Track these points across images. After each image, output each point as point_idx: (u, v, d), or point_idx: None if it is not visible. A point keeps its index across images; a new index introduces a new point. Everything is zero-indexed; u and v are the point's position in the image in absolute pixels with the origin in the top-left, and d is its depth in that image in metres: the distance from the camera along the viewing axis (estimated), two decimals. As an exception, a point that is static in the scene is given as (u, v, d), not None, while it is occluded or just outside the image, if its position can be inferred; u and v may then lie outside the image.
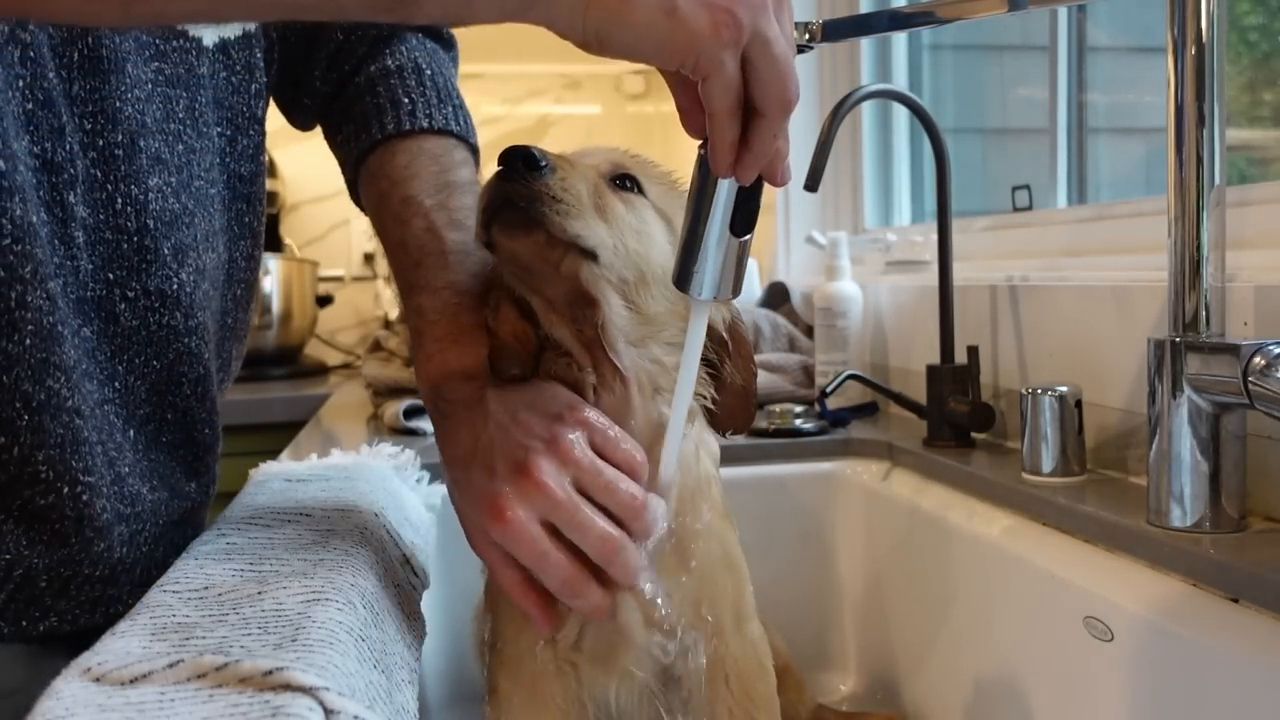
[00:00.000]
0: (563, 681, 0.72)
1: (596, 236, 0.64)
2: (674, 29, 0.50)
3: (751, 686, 0.73)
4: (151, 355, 0.69)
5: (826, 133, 1.04)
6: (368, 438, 1.19)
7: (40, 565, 0.62)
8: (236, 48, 0.75)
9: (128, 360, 0.67)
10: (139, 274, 0.67)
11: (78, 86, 0.62)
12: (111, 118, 0.63)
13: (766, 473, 1.17)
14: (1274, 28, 1.16)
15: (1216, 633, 0.65)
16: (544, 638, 0.70)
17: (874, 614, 1.13)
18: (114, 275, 0.66)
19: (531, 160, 0.62)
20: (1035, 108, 1.43)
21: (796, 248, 1.83)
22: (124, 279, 0.66)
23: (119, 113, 0.64)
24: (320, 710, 0.45)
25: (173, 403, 0.72)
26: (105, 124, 0.63)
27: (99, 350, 0.65)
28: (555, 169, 0.63)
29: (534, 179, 0.62)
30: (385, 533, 0.80)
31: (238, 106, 0.76)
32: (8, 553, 0.61)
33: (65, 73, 0.61)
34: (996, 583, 0.90)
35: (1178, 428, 0.72)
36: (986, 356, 1.11)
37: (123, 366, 0.67)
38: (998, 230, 1.37)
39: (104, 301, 0.65)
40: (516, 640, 0.72)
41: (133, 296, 0.67)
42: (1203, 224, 0.72)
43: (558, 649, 0.71)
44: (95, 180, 0.63)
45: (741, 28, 0.51)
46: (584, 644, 0.71)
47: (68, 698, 0.45)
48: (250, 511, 0.77)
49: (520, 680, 0.72)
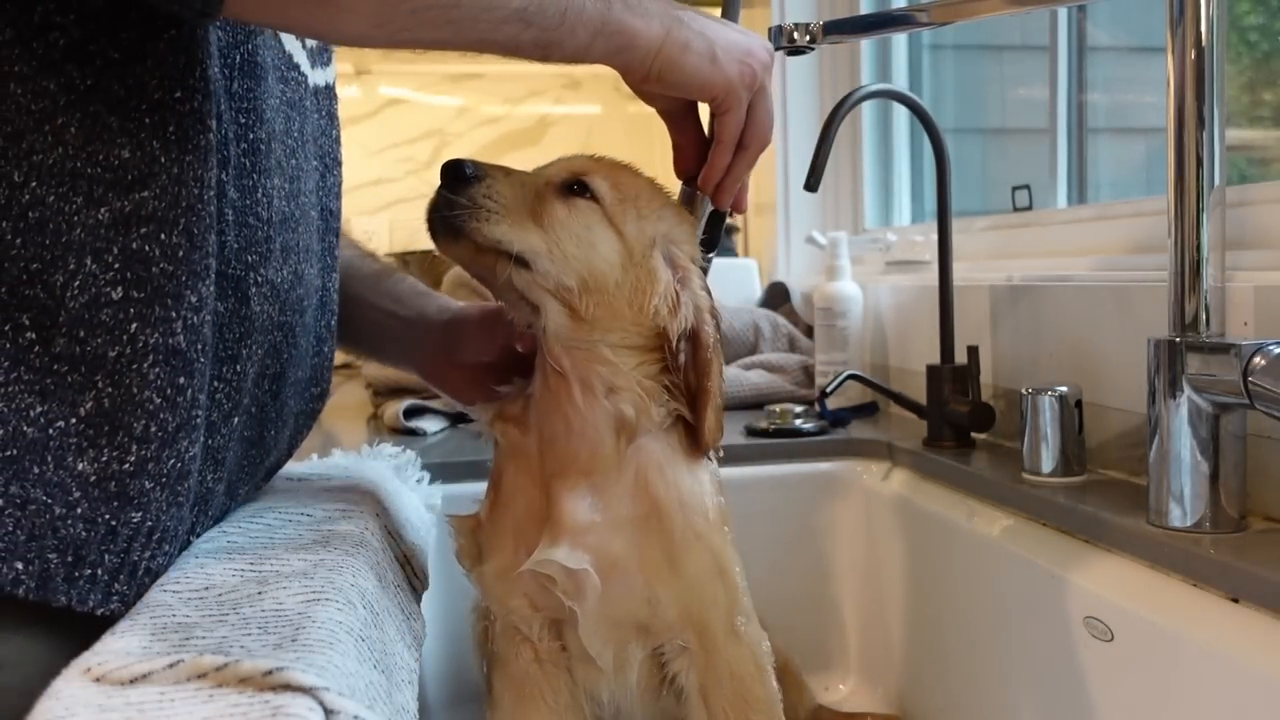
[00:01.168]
0: (552, 680, 0.72)
1: (525, 243, 0.67)
2: (714, 72, 0.68)
3: (748, 689, 0.72)
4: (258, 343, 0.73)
5: (826, 133, 1.04)
6: (368, 438, 1.19)
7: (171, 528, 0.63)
8: (324, 95, 0.83)
9: (249, 345, 0.71)
10: (265, 262, 0.72)
11: (236, 84, 0.68)
12: (259, 116, 0.70)
13: (766, 473, 1.17)
14: (1274, 28, 1.16)
15: (1216, 633, 0.65)
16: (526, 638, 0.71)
17: (874, 614, 1.13)
18: (251, 259, 0.70)
19: (459, 171, 0.66)
20: (1035, 108, 1.43)
21: (796, 248, 1.83)
22: (256, 264, 0.71)
23: (263, 113, 0.71)
24: (320, 710, 0.45)
25: (256, 396, 0.74)
26: (254, 121, 0.70)
27: (228, 328, 0.68)
28: (482, 178, 0.67)
29: (460, 189, 0.66)
30: (386, 533, 0.80)
31: (326, 147, 0.84)
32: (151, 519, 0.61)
33: (228, 70, 0.67)
34: (996, 583, 0.90)
35: (1178, 428, 0.72)
36: (986, 356, 1.11)
37: (245, 350, 0.70)
38: (998, 230, 1.37)
39: (240, 282, 0.69)
40: (504, 639, 0.72)
41: (260, 282, 0.71)
42: (1203, 224, 0.72)
43: (539, 649, 0.71)
44: (244, 168, 0.69)
45: (757, 77, 0.70)
46: (569, 645, 0.71)
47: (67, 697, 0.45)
48: (251, 511, 0.77)
49: (510, 679, 0.72)
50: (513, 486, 0.72)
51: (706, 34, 0.68)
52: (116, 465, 0.59)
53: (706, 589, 0.70)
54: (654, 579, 0.69)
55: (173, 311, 0.60)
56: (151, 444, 0.60)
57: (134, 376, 0.59)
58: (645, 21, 0.66)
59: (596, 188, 0.69)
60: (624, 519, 0.68)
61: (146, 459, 0.60)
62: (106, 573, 0.59)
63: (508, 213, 0.66)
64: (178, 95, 0.61)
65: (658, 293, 0.69)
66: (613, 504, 0.68)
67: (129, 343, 0.59)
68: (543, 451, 0.70)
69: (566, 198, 0.69)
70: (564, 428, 0.69)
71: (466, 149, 2.61)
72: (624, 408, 0.68)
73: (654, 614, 0.69)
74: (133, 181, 0.59)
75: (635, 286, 0.69)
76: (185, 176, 0.61)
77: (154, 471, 0.61)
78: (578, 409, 0.69)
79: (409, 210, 2.58)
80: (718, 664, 0.71)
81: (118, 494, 0.59)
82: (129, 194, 0.59)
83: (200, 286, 0.62)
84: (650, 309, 0.69)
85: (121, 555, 0.60)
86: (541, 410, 0.70)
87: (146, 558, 0.62)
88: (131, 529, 0.60)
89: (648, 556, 0.68)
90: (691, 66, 0.68)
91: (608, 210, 0.69)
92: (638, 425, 0.69)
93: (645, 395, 0.69)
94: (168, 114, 0.60)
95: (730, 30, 0.71)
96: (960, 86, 1.79)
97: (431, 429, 1.30)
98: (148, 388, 0.60)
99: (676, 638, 0.71)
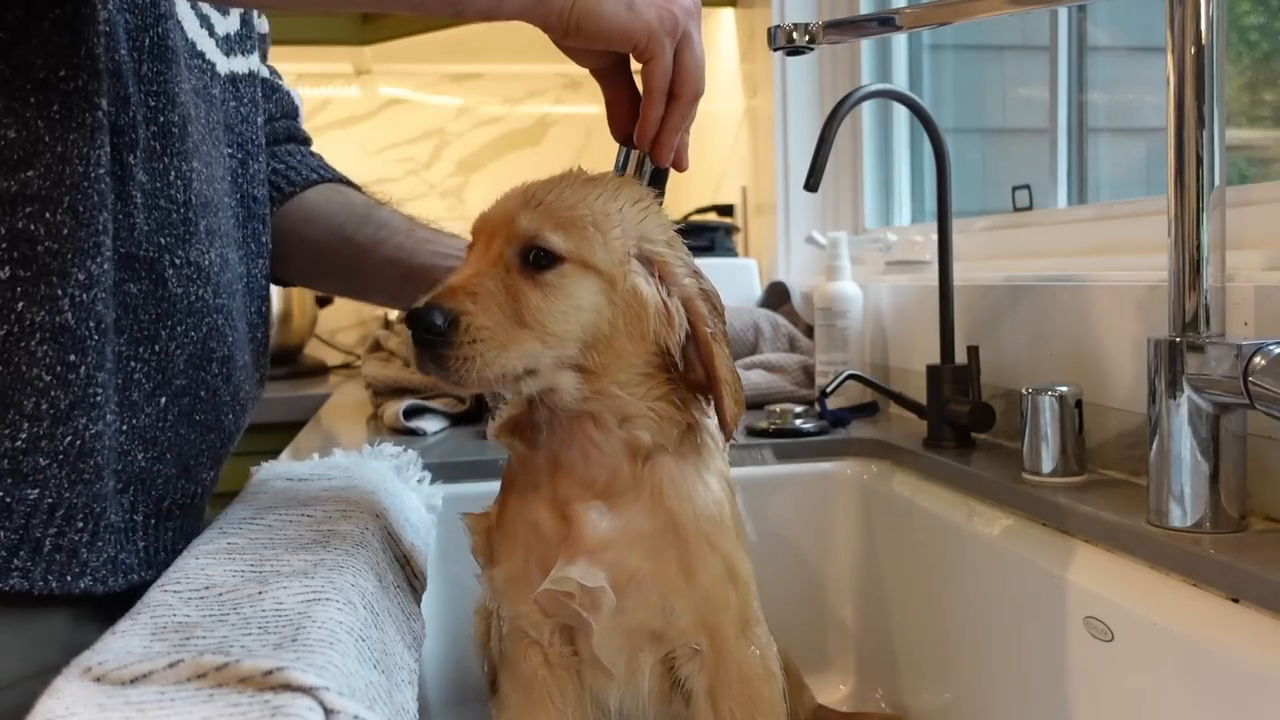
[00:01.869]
0: (561, 684, 0.72)
1: (526, 358, 0.64)
2: (631, 18, 0.67)
3: (756, 691, 0.72)
4: (190, 326, 0.72)
5: (826, 133, 1.04)
6: (368, 438, 1.19)
7: (78, 505, 0.63)
8: (244, 83, 0.83)
9: (169, 327, 0.70)
10: (184, 244, 0.72)
11: (146, 68, 0.68)
12: (171, 99, 0.71)
13: (766, 473, 1.17)
14: (1274, 28, 1.16)
15: (1216, 633, 0.65)
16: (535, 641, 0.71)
17: (874, 614, 1.13)
18: (164, 240, 0.70)
19: (430, 325, 0.62)
20: (1035, 108, 1.43)
21: (796, 248, 1.83)
22: (172, 246, 0.71)
23: (176, 97, 0.71)
24: (320, 710, 0.45)
25: (204, 380, 0.75)
26: (166, 104, 0.70)
27: (143, 309, 0.68)
28: (457, 321, 0.62)
29: (441, 344, 0.62)
30: (386, 533, 0.80)
31: (246, 134, 0.84)
32: (50, 495, 0.62)
33: (137, 54, 0.67)
34: (996, 583, 0.90)
35: (1178, 428, 0.72)
36: (986, 356, 1.11)
37: (164, 331, 0.70)
38: (998, 230, 1.37)
39: (155, 264, 0.69)
40: (512, 641, 0.72)
41: (179, 264, 0.71)
42: (1203, 224, 0.72)
43: (548, 653, 0.71)
44: (154, 151, 0.69)
45: (678, 22, 0.68)
46: (580, 650, 0.71)
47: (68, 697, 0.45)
48: (251, 511, 0.77)
49: (518, 680, 0.72)
50: (521, 497, 0.71)
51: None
52: (9, 443, 0.60)
53: (719, 594, 0.70)
54: (669, 590, 0.69)
55: (59, 290, 0.61)
56: (43, 421, 0.61)
57: (21, 354, 0.60)
58: None
59: (554, 245, 0.65)
60: (640, 534, 0.68)
61: (39, 435, 0.61)
62: (3, 548, 0.60)
63: (494, 338, 0.63)
64: (62, 74, 0.61)
65: (649, 315, 0.67)
66: (630, 521, 0.68)
67: (15, 321, 0.59)
68: (556, 474, 0.70)
69: (533, 276, 0.65)
70: (580, 456, 0.69)
71: (466, 149, 2.61)
72: (638, 433, 0.68)
73: (668, 623, 0.69)
74: (18, 161, 0.59)
75: (628, 316, 0.67)
76: (70, 155, 0.61)
77: (48, 449, 0.61)
78: (594, 442, 0.68)
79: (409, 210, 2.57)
80: (727, 666, 0.71)
81: (10, 471, 0.60)
82: (14, 174, 0.59)
83: (89, 264, 0.62)
84: (650, 334, 0.67)
85: (20, 532, 0.60)
86: (555, 440, 0.70)
87: (52, 534, 0.62)
88: (28, 506, 0.60)
89: (663, 569, 0.68)
90: (609, 14, 0.66)
91: (575, 259, 0.65)
92: (653, 447, 0.69)
93: (658, 418, 0.68)
94: (52, 93, 0.60)
95: None
96: (960, 86, 1.79)
97: (431, 429, 1.30)
98: (36, 365, 0.60)
99: (690, 642, 0.71)
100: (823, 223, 1.84)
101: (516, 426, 0.73)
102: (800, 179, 1.13)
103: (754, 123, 1.95)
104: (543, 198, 0.67)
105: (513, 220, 0.66)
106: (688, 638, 0.71)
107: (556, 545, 0.68)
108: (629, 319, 0.67)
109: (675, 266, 0.68)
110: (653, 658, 0.71)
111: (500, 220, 0.67)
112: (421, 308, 0.62)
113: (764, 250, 1.91)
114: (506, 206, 0.67)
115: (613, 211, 0.67)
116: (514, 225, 0.66)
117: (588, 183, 0.69)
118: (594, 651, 0.69)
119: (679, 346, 0.68)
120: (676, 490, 0.69)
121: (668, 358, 0.69)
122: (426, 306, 0.63)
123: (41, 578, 0.61)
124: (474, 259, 0.67)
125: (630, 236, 0.67)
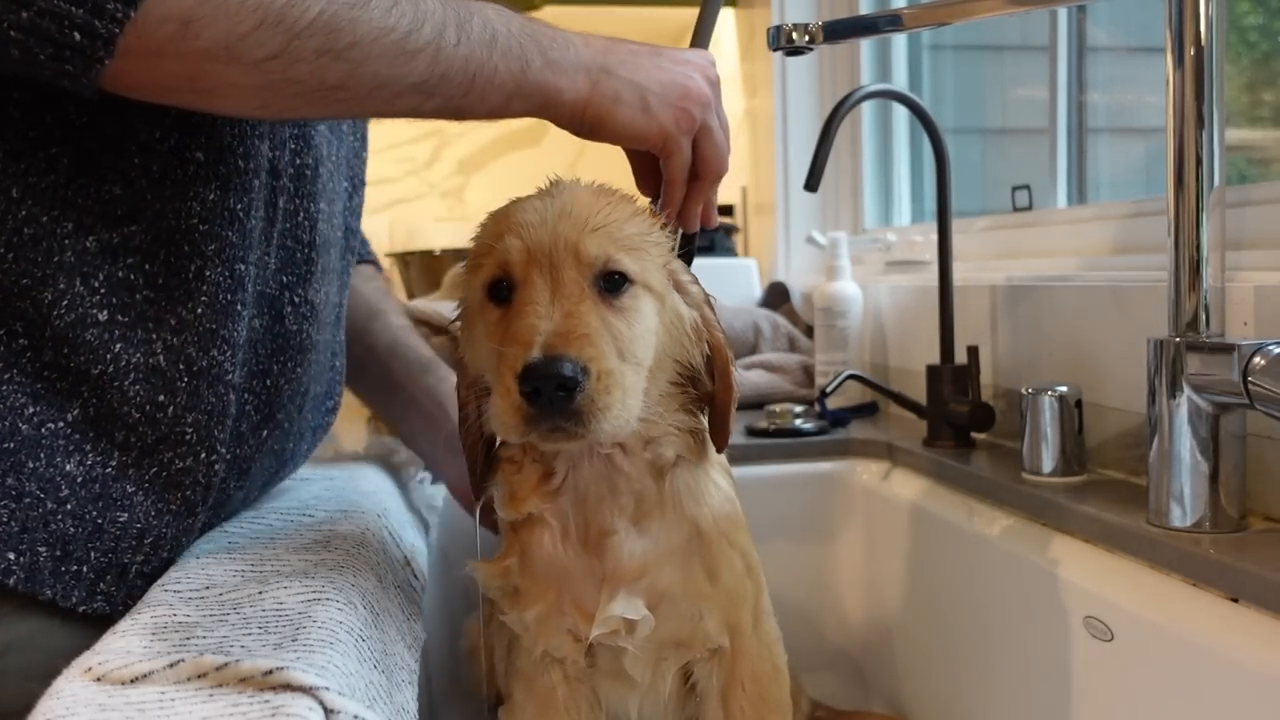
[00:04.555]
0: (576, 695, 0.72)
1: (636, 395, 0.61)
2: (648, 122, 0.67)
3: (766, 689, 0.73)
4: (298, 362, 0.74)
5: (826, 133, 1.04)
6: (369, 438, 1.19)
7: (168, 535, 0.64)
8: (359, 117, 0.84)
9: (282, 362, 0.72)
10: (304, 283, 0.73)
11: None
12: (308, 141, 0.72)
13: (766, 473, 1.17)
14: (1274, 28, 1.16)
15: (1216, 633, 0.65)
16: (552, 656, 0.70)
17: (874, 614, 1.13)
18: (287, 279, 0.72)
19: (566, 381, 0.57)
20: (1035, 108, 1.43)
21: (796, 248, 1.83)
22: (293, 285, 0.72)
23: (312, 139, 0.73)
24: (320, 710, 0.45)
25: (292, 413, 0.75)
26: (303, 146, 0.72)
27: (261, 344, 0.70)
28: (589, 369, 0.57)
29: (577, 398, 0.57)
30: (386, 534, 0.80)
31: (357, 168, 0.86)
32: (138, 521, 0.62)
33: None
34: (996, 583, 0.90)
35: (1178, 428, 0.72)
36: (986, 356, 1.11)
37: (277, 366, 0.71)
38: (998, 230, 1.37)
39: (276, 301, 0.71)
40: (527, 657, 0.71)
41: (297, 302, 0.73)
42: (1203, 224, 0.72)
43: (567, 669, 0.71)
44: (290, 192, 0.71)
45: (695, 121, 0.69)
46: (598, 664, 0.71)
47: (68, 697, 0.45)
48: (252, 511, 0.77)
49: (534, 693, 0.71)
50: (539, 540, 0.68)
51: (637, 80, 0.66)
52: (100, 469, 0.61)
53: (740, 589, 0.71)
54: (698, 597, 0.68)
55: (154, 334, 0.62)
56: (131, 452, 0.62)
57: (114, 392, 0.61)
58: (569, 79, 0.64)
59: (627, 268, 0.62)
60: (670, 550, 0.68)
61: (127, 465, 0.62)
62: (93, 570, 0.61)
63: (621, 382, 0.59)
64: (158, 136, 0.62)
65: (687, 331, 0.67)
66: (658, 540, 0.68)
67: (112, 361, 0.61)
68: (583, 510, 0.68)
69: (612, 303, 0.62)
70: (608, 488, 0.67)
71: (466, 149, 2.60)
72: (663, 451, 0.68)
73: (695, 629, 0.69)
74: (121, 216, 0.61)
75: (671, 336, 0.66)
76: (166, 211, 0.62)
77: (135, 477, 0.62)
78: (621, 471, 0.67)
79: (409, 210, 2.58)
80: (742, 665, 0.72)
81: (102, 494, 0.61)
82: (118, 227, 0.61)
83: (181, 311, 0.63)
84: (685, 353, 0.67)
85: (109, 555, 0.61)
86: (580, 480, 0.68)
87: (139, 561, 0.63)
88: (118, 529, 0.61)
89: (691, 578, 0.68)
90: (624, 119, 0.66)
91: (641, 281, 0.64)
92: (675, 462, 0.68)
93: (679, 432, 0.68)
94: (152, 155, 0.62)
95: (665, 68, 0.68)
96: (960, 86, 1.79)
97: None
98: (127, 403, 0.62)
99: (714, 643, 0.71)
100: (823, 223, 1.84)
101: (520, 495, 0.69)
102: (800, 179, 1.13)
103: (754, 123, 1.95)
104: (599, 221, 0.63)
105: (579, 246, 0.62)
106: (712, 640, 0.71)
107: (592, 580, 0.67)
108: (672, 339, 0.66)
109: (683, 275, 0.69)
110: (675, 665, 0.71)
111: (559, 247, 0.62)
112: (543, 361, 0.57)
113: (764, 250, 1.91)
114: (560, 231, 0.62)
115: (648, 231, 0.66)
116: (582, 251, 0.62)
117: (622, 202, 0.67)
118: (625, 668, 0.69)
119: (705, 365, 0.68)
120: (693, 496, 0.69)
121: (690, 374, 0.68)
122: (549, 359, 0.57)
123: (123, 602, 0.62)
124: (543, 295, 0.61)
125: (662, 254, 0.67)
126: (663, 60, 0.69)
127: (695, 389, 0.69)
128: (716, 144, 0.72)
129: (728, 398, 0.68)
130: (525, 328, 0.59)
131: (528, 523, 0.69)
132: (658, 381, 0.66)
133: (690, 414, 0.69)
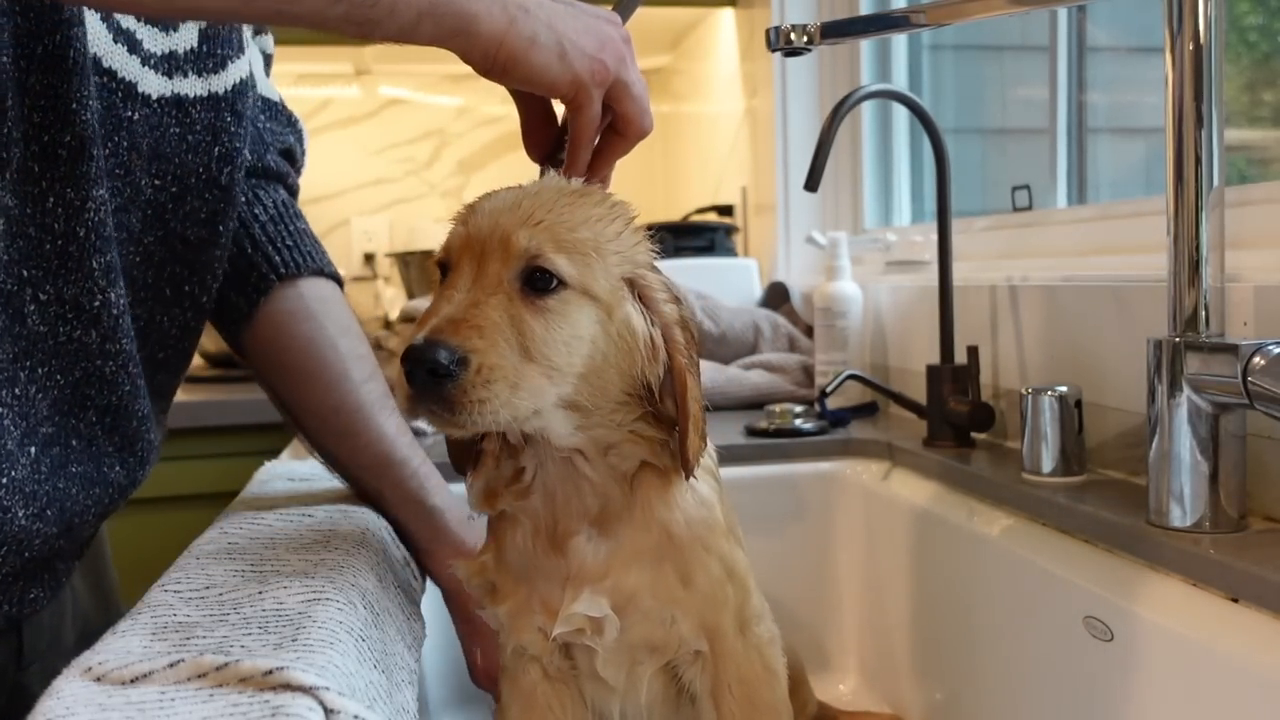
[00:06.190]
0: (561, 695, 0.72)
1: (535, 396, 0.60)
2: (563, 69, 0.63)
3: (755, 692, 0.72)
4: (56, 368, 0.66)
5: (826, 133, 1.04)
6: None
7: None
8: (199, 107, 0.74)
9: (29, 368, 0.65)
10: (55, 279, 0.65)
11: (35, 79, 0.62)
12: (64, 117, 0.63)
13: (766, 473, 1.17)
14: (1274, 28, 1.16)
15: (1216, 633, 0.65)
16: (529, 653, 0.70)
17: (874, 614, 1.13)
18: (28, 273, 0.64)
19: (437, 367, 0.56)
20: (1035, 108, 1.43)
21: (796, 248, 1.83)
22: (38, 279, 0.65)
23: (74, 115, 0.64)
24: (320, 710, 0.45)
25: (76, 428, 0.69)
26: (55, 121, 0.63)
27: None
28: (467, 361, 0.57)
29: (447, 386, 0.57)
30: (386, 534, 0.80)
31: (189, 165, 0.74)
32: None
33: (24, 62, 0.62)
34: (996, 583, 0.90)
35: (1178, 428, 0.72)
36: (986, 356, 1.11)
37: (24, 373, 0.65)
38: (998, 230, 1.37)
39: (13, 298, 0.64)
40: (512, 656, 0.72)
41: (44, 300, 0.65)
42: (1202, 224, 0.72)
43: (547, 667, 0.71)
44: (30, 173, 0.63)
45: (609, 74, 0.66)
46: (579, 664, 0.71)
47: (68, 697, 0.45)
48: (252, 511, 0.77)
49: (519, 692, 0.72)
50: (517, 535, 0.69)
51: (555, 26, 0.63)
52: None
53: (718, 594, 0.70)
54: (668, 600, 0.68)
55: None
56: None
57: None
58: (485, 6, 0.60)
59: (558, 269, 0.60)
60: (636, 551, 0.68)
61: None
62: None
63: (506, 378, 0.58)
64: None
65: (639, 348, 0.64)
66: (622, 542, 0.67)
67: None
68: (552, 509, 0.68)
69: (533, 302, 0.60)
70: (574, 490, 0.67)
71: (466, 149, 2.60)
72: (623, 458, 0.67)
73: (668, 633, 0.69)
74: None
75: (619, 349, 0.63)
76: None
77: None
78: (583, 475, 0.67)
79: (409, 210, 2.58)
80: (727, 668, 0.71)
81: None
82: None
83: None
84: (637, 369, 0.64)
85: None
86: (547, 479, 0.68)
87: None
88: None
89: (661, 581, 0.68)
90: (539, 63, 0.62)
91: (578, 285, 0.61)
92: (639, 468, 0.68)
93: (639, 438, 0.67)
94: None
95: (581, 18, 0.65)
96: (960, 86, 1.79)
97: (431, 429, 1.30)
98: None
99: (691, 647, 0.71)
100: (823, 223, 1.84)
101: (494, 491, 0.69)
102: (800, 179, 1.13)
103: (754, 123, 1.95)
104: (541, 215, 0.62)
105: (510, 238, 0.60)
106: (688, 644, 0.70)
107: (557, 580, 0.67)
108: (619, 352, 0.63)
109: (657, 292, 0.65)
110: (651, 668, 0.71)
111: (492, 238, 0.61)
112: (421, 345, 0.57)
113: (764, 250, 1.91)
114: (499, 223, 0.61)
115: (612, 236, 0.64)
116: (511, 244, 0.60)
117: (582, 199, 0.64)
118: (592, 664, 0.69)
119: (659, 381, 0.65)
120: (665, 502, 0.68)
121: (644, 390, 0.66)
122: (428, 343, 0.57)
123: None
124: (464, 282, 0.61)
125: (626, 262, 0.64)
126: (578, 11, 0.66)
127: (654, 406, 0.67)
128: (636, 98, 0.68)
129: (686, 424, 0.65)
130: (430, 311, 0.60)
131: (503, 519, 0.70)
132: (605, 392, 0.64)
133: (657, 425, 0.67)
